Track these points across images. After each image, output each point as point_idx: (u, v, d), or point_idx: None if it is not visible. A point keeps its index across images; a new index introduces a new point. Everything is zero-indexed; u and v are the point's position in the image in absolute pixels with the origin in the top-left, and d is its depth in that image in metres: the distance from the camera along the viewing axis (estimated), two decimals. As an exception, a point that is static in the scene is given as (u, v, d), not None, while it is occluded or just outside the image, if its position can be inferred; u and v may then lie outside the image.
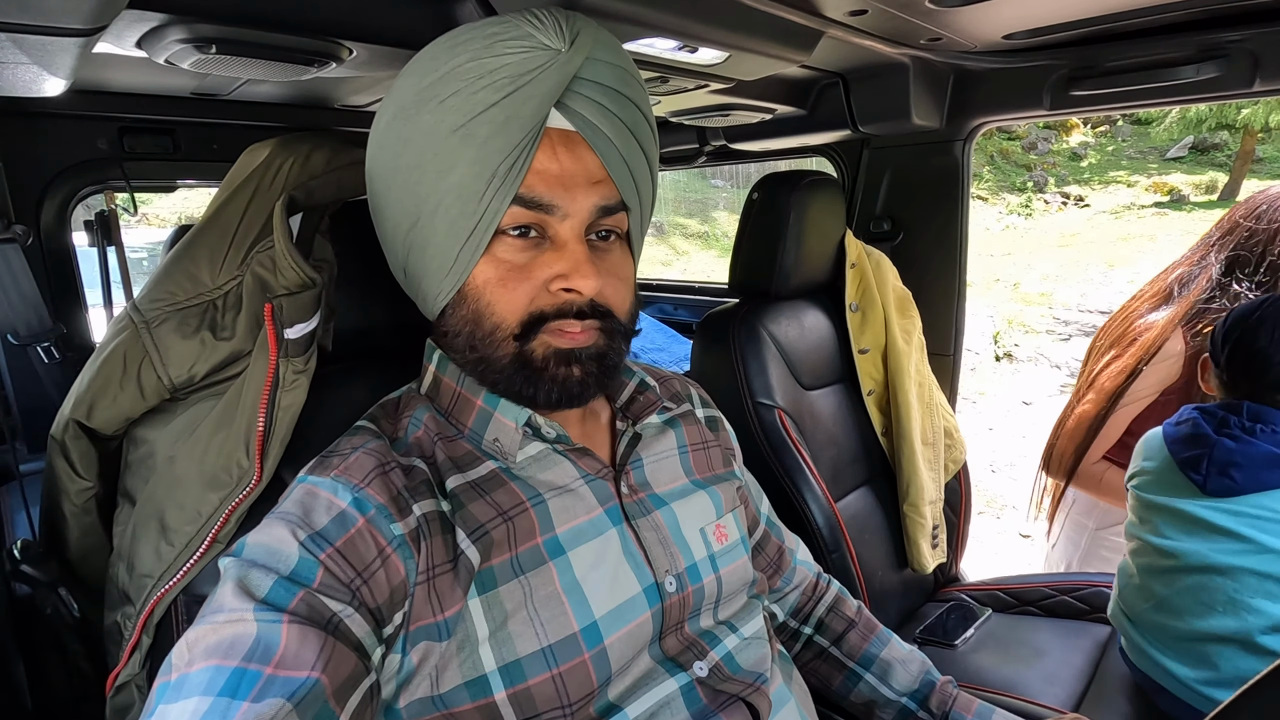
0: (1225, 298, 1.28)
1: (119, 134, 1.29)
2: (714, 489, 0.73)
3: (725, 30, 0.93)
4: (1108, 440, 1.41)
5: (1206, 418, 1.03)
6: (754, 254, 1.29)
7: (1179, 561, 1.00)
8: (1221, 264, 1.30)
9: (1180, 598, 1.00)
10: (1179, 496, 1.02)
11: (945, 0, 0.99)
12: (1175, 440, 1.05)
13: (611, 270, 0.60)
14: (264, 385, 0.61)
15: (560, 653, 0.56)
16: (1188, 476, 1.01)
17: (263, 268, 0.66)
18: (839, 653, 0.87)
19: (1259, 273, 1.25)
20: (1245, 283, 1.26)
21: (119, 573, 0.64)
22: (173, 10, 0.67)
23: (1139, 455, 1.11)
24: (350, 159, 0.71)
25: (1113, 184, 12.32)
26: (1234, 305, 1.24)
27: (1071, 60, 1.28)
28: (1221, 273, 1.30)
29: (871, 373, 1.38)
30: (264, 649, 0.44)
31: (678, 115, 1.48)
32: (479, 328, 0.59)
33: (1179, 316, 1.32)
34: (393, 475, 0.57)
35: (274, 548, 0.50)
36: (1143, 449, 1.11)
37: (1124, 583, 1.11)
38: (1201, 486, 0.99)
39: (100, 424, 0.64)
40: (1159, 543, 1.03)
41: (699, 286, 2.59)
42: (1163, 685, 1.02)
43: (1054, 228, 11.04)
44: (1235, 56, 1.13)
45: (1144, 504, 1.08)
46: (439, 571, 0.55)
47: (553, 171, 0.56)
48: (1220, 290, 1.29)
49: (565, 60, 0.54)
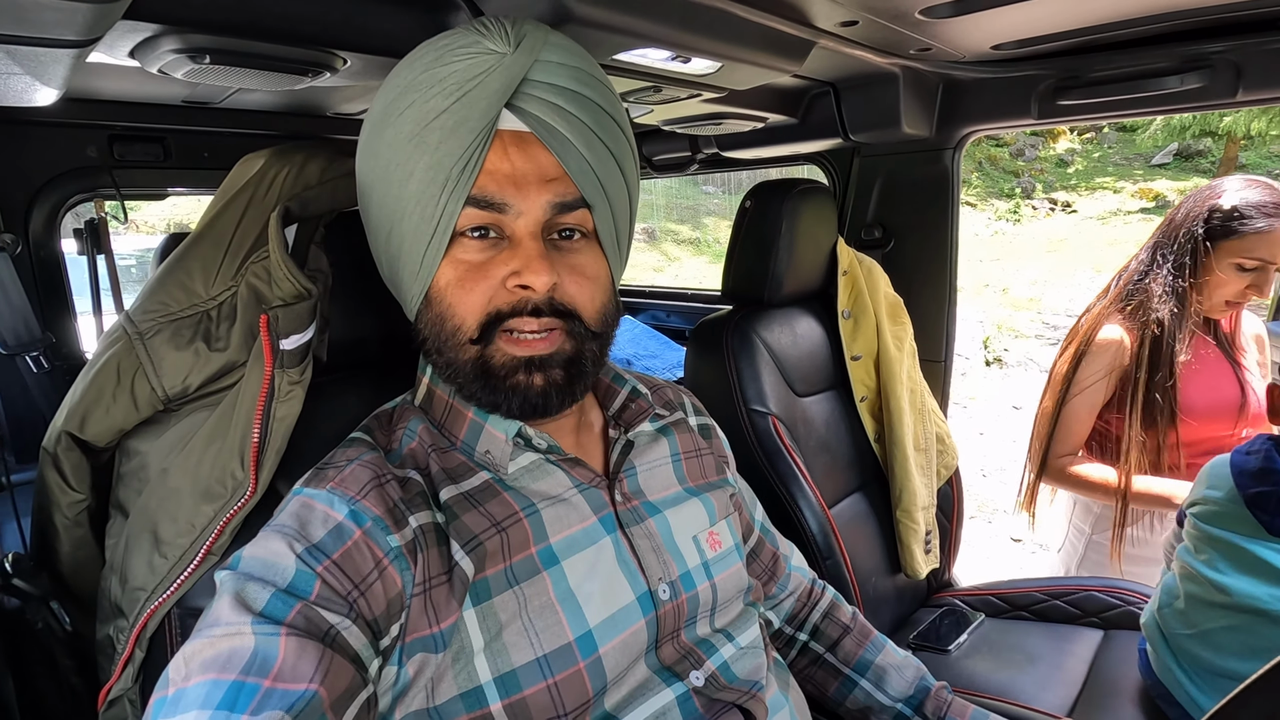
0: (1150, 279, 1.37)
1: (109, 142, 1.29)
2: (707, 496, 0.73)
3: (717, 41, 0.94)
4: (1074, 433, 1.44)
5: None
6: (747, 261, 1.30)
7: (1231, 599, 0.94)
8: (1149, 250, 1.40)
9: (1224, 635, 0.95)
10: (1242, 534, 0.95)
11: (934, 11, 1.00)
12: (1244, 472, 0.97)
13: (576, 268, 0.60)
14: (259, 396, 0.61)
15: (555, 662, 0.56)
16: (1254, 514, 0.94)
17: (258, 278, 0.66)
18: (834, 659, 0.87)
19: (1173, 251, 1.35)
20: (1165, 264, 1.35)
21: (111, 586, 0.63)
22: (166, 21, 0.67)
23: (1202, 482, 1.04)
24: (345, 169, 0.71)
25: (1099, 190, 12.45)
26: (1156, 286, 1.35)
27: (1059, 70, 1.29)
28: (1148, 258, 1.40)
29: (864, 379, 1.39)
30: (262, 662, 0.44)
31: (670, 123, 1.49)
32: (442, 329, 0.59)
33: (1111, 303, 1.42)
34: (389, 487, 0.57)
35: (271, 561, 0.50)
36: (1207, 476, 1.03)
37: (1166, 601, 1.06)
38: (1268, 527, 0.92)
39: (93, 436, 0.63)
40: (1213, 576, 0.97)
41: (692, 293, 2.60)
42: (1180, 702, 1.01)
43: (1042, 233, 11.14)
44: (1218, 67, 1.15)
45: (1203, 535, 1.00)
46: (435, 583, 0.55)
47: (504, 171, 0.56)
48: (1146, 274, 1.39)
49: (511, 63, 0.55)
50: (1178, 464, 1.37)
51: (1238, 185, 1.31)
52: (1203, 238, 1.31)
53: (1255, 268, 1.29)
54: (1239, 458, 1.00)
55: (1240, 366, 1.39)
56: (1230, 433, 1.37)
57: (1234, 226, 1.28)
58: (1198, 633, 0.99)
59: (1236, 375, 1.38)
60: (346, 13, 0.78)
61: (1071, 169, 13.33)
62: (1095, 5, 1.01)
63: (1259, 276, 1.29)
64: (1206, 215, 1.31)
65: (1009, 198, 12.37)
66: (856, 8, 0.97)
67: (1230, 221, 1.28)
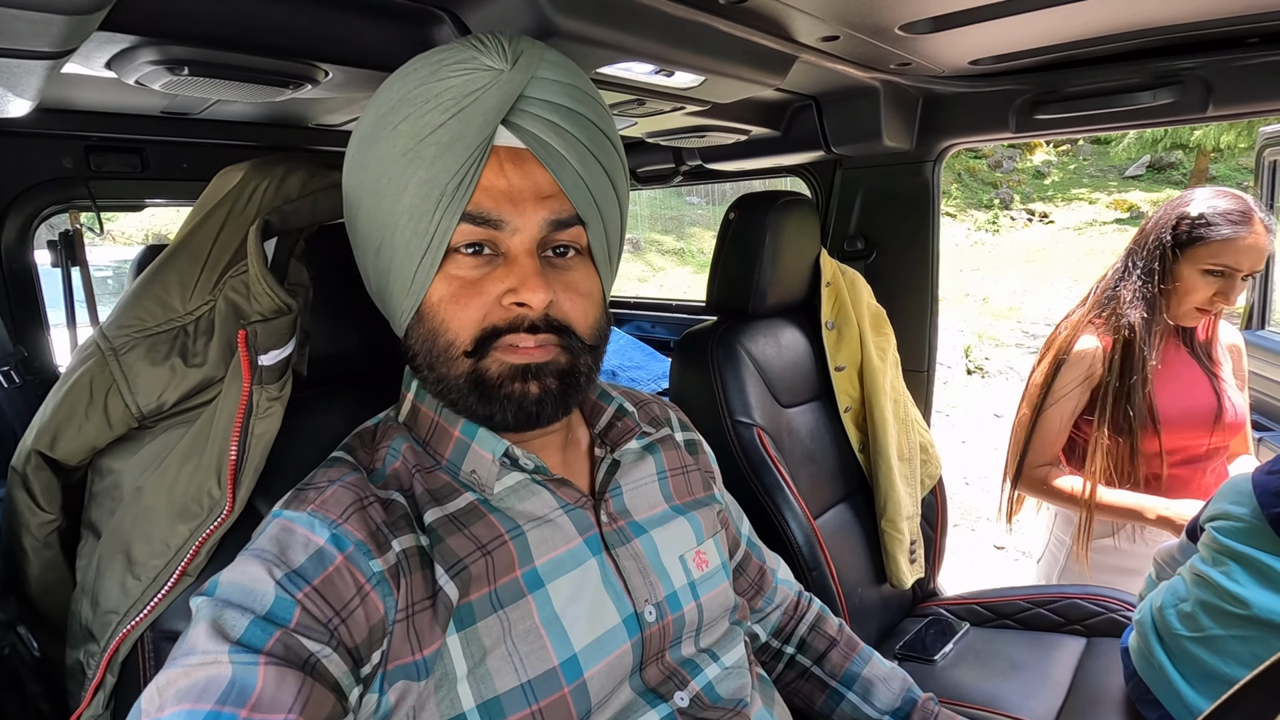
0: (1122, 287, 1.40)
1: (85, 152, 1.27)
2: (694, 515, 0.73)
3: (700, 55, 0.95)
4: (1050, 443, 1.45)
5: None
6: (731, 273, 1.30)
7: (1248, 611, 0.95)
8: (1122, 260, 1.43)
9: (1235, 644, 0.96)
10: (1266, 550, 0.96)
11: (914, 27, 1.01)
12: (1268, 491, 0.97)
13: (570, 285, 0.60)
14: (237, 412, 0.60)
15: (540, 688, 0.55)
16: (1277, 534, 0.94)
17: (236, 293, 0.65)
18: (821, 672, 0.87)
19: (1143, 258, 1.37)
20: (1135, 270, 1.39)
21: (82, 609, 0.61)
22: (144, 33, 0.66)
23: (1223, 497, 1.05)
24: (326, 182, 0.71)
25: (1075, 201, 12.69)
26: (1126, 293, 1.38)
27: (1035, 85, 1.32)
28: (1121, 267, 1.43)
29: (848, 390, 1.40)
30: (239, 691, 0.43)
31: (654, 136, 1.49)
32: (435, 345, 0.58)
33: (1087, 313, 1.44)
34: (371, 510, 0.56)
35: (249, 587, 0.49)
36: (1229, 492, 1.04)
37: (1170, 601, 1.06)
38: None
39: (64, 455, 0.62)
40: (1231, 587, 0.97)
41: (676, 304, 2.60)
42: (1161, 702, 1.02)
43: (1020, 243, 11.32)
44: (1189, 83, 1.18)
45: (1224, 548, 1.00)
46: (418, 609, 0.54)
47: (500, 188, 0.56)
48: (1118, 283, 1.41)
49: (508, 79, 0.55)
50: (1159, 473, 1.38)
51: (1207, 195, 1.34)
52: (1170, 245, 1.34)
53: (1221, 273, 1.31)
54: (1261, 477, 1.00)
55: (1216, 377, 1.41)
56: (1205, 442, 1.38)
57: (1200, 234, 1.30)
58: (1204, 637, 1.00)
59: (1212, 385, 1.40)
60: (328, 25, 0.77)
61: (1048, 181, 13.58)
62: (1070, 22, 1.03)
63: (1225, 284, 1.32)
64: (1175, 223, 1.33)
65: (988, 209, 12.57)
66: (837, 23, 0.99)
67: (1196, 229, 1.31)
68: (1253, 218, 1.28)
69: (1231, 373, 1.45)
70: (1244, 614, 0.95)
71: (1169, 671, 1.02)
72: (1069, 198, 12.86)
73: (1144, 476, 1.38)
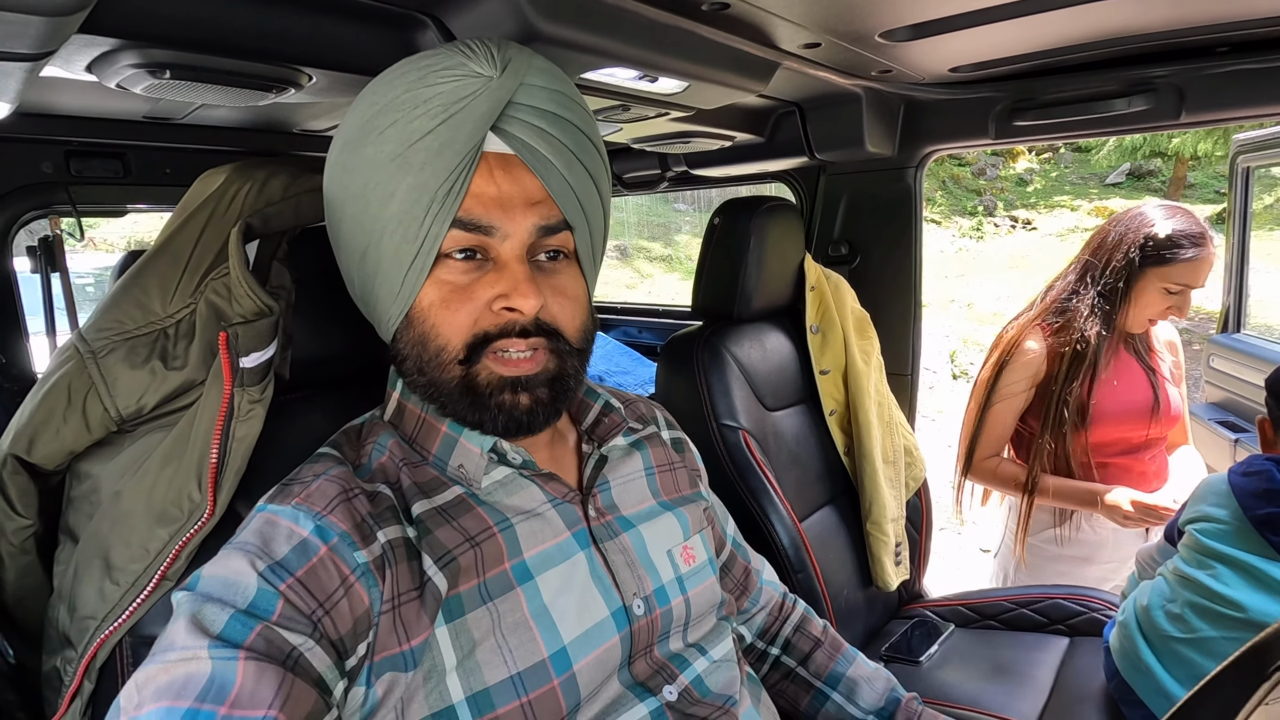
0: (1078, 300, 1.43)
1: (65, 157, 1.25)
2: (681, 510, 0.74)
3: (684, 61, 0.95)
4: (996, 436, 1.51)
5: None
6: (716, 278, 1.31)
7: (1243, 614, 0.95)
8: (1077, 271, 1.47)
9: (1228, 645, 0.95)
10: (1254, 552, 0.96)
11: (894, 35, 1.03)
12: (1247, 493, 0.98)
13: (559, 289, 0.60)
14: (218, 415, 0.59)
15: (529, 680, 0.55)
16: (1263, 537, 0.95)
17: (217, 295, 0.65)
18: (806, 672, 0.87)
19: (1104, 276, 1.41)
20: (1093, 287, 1.42)
21: (59, 615, 0.61)
22: (125, 36, 0.65)
23: (1200, 498, 1.06)
24: (308, 185, 0.71)
25: (1057, 208, 12.86)
26: (1083, 306, 1.41)
27: (1013, 93, 1.34)
28: (1076, 279, 1.46)
29: (833, 393, 1.41)
30: (218, 688, 0.43)
31: (640, 141, 1.50)
32: (425, 350, 0.59)
33: (1036, 317, 1.49)
34: (356, 502, 0.56)
35: (231, 579, 0.49)
36: (1207, 494, 1.06)
37: (1156, 601, 1.07)
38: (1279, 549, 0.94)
39: (41, 459, 0.61)
40: (1221, 590, 0.97)
41: (663, 310, 2.61)
42: (1145, 701, 1.02)
43: (1004, 249, 11.45)
44: (1162, 90, 1.21)
45: (1208, 550, 1.01)
46: (405, 599, 0.54)
47: (490, 194, 0.57)
48: (1074, 295, 1.45)
49: (497, 86, 0.55)
50: (1087, 463, 1.45)
51: (1164, 214, 1.37)
52: (1137, 263, 1.37)
53: (1179, 292, 1.37)
54: (1238, 479, 1.01)
55: (1155, 372, 1.47)
56: (1144, 433, 1.45)
57: (1165, 255, 1.34)
58: (1194, 638, 1.00)
59: (1150, 380, 1.46)
60: (312, 29, 0.77)
61: (1031, 188, 13.76)
62: (1046, 30, 1.05)
63: (1181, 299, 1.37)
64: (1142, 242, 1.36)
65: (972, 215, 12.71)
66: (819, 30, 1.00)
67: (1163, 250, 1.35)
68: (1209, 238, 1.35)
69: (1171, 368, 1.51)
70: (1239, 617, 0.96)
71: (1157, 672, 1.02)
72: (1051, 205, 13.03)
73: (1078, 467, 1.45)
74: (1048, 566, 1.56)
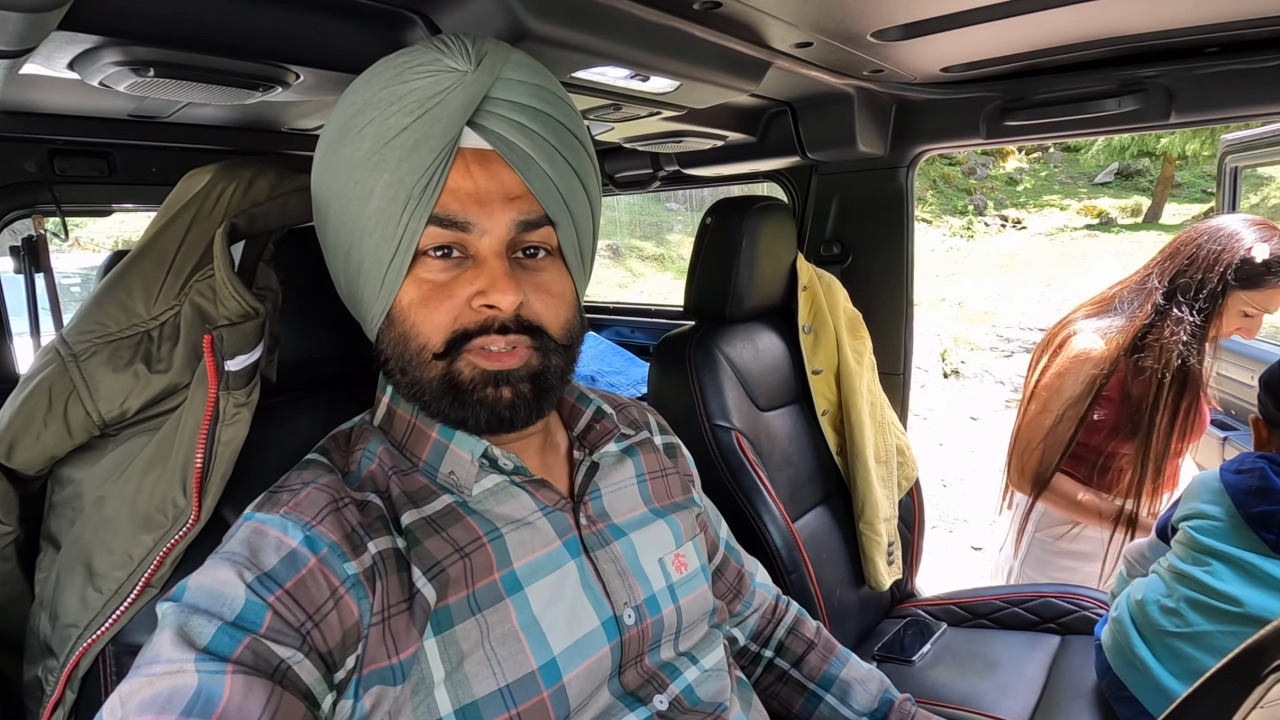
0: (1168, 322, 1.34)
1: (49, 156, 1.24)
2: (673, 518, 0.73)
3: (676, 60, 0.95)
4: (1062, 444, 1.44)
5: (1275, 469, 0.98)
6: (709, 278, 1.30)
7: (1241, 609, 0.96)
8: (1163, 290, 1.37)
9: (1226, 639, 0.96)
10: (1250, 550, 0.97)
11: (885, 35, 1.03)
12: (1241, 491, 0.99)
13: (541, 286, 0.60)
14: (203, 419, 0.58)
15: (518, 692, 0.54)
16: (1258, 534, 0.96)
17: (202, 297, 0.64)
18: (799, 675, 0.87)
19: (1199, 299, 1.33)
20: (1186, 308, 1.34)
21: (40, 623, 0.60)
22: (107, 32, 0.64)
23: (1194, 496, 1.07)
24: (295, 185, 0.70)
25: (1047, 207, 12.96)
26: (1175, 328, 1.32)
27: (1004, 92, 1.34)
28: (1164, 298, 1.36)
29: (825, 393, 1.41)
30: (205, 702, 0.42)
31: (631, 141, 1.50)
32: (406, 349, 0.58)
33: (1125, 343, 1.37)
34: (346, 512, 0.55)
35: (218, 591, 0.48)
36: (1200, 491, 1.06)
37: (1151, 597, 1.07)
38: (1274, 546, 0.95)
39: (21, 464, 0.60)
40: (1219, 586, 0.98)
41: (655, 309, 2.61)
42: (1138, 697, 1.03)
43: (994, 249, 11.52)
44: (1152, 91, 1.21)
45: (1203, 547, 1.02)
46: (394, 612, 0.53)
47: (467, 189, 0.56)
48: (1160, 315, 1.36)
49: (472, 80, 0.54)
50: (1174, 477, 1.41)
51: (1259, 234, 1.30)
52: (1232, 283, 1.30)
53: (1254, 315, 1.33)
54: (1231, 476, 1.01)
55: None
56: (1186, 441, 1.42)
57: (1260, 280, 1.29)
58: (1191, 633, 1.01)
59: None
60: (299, 26, 0.76)
61: (1020, 187, 13.85)
62: (1036, 30, 1.05)
63: (1254, 322, 1.34)
64: (1239, 264, 1.29)
65: (963, 214, 12.78)
66: (810, 29, 1.00)
67: (1258, 274, 1.28)
68: None
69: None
70: (1237, 611, 0.96)
71: (1152, 667, 1.03)
72: (1041, 204, 13.12)
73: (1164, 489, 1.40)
74: (1055, 562, 1.54)
